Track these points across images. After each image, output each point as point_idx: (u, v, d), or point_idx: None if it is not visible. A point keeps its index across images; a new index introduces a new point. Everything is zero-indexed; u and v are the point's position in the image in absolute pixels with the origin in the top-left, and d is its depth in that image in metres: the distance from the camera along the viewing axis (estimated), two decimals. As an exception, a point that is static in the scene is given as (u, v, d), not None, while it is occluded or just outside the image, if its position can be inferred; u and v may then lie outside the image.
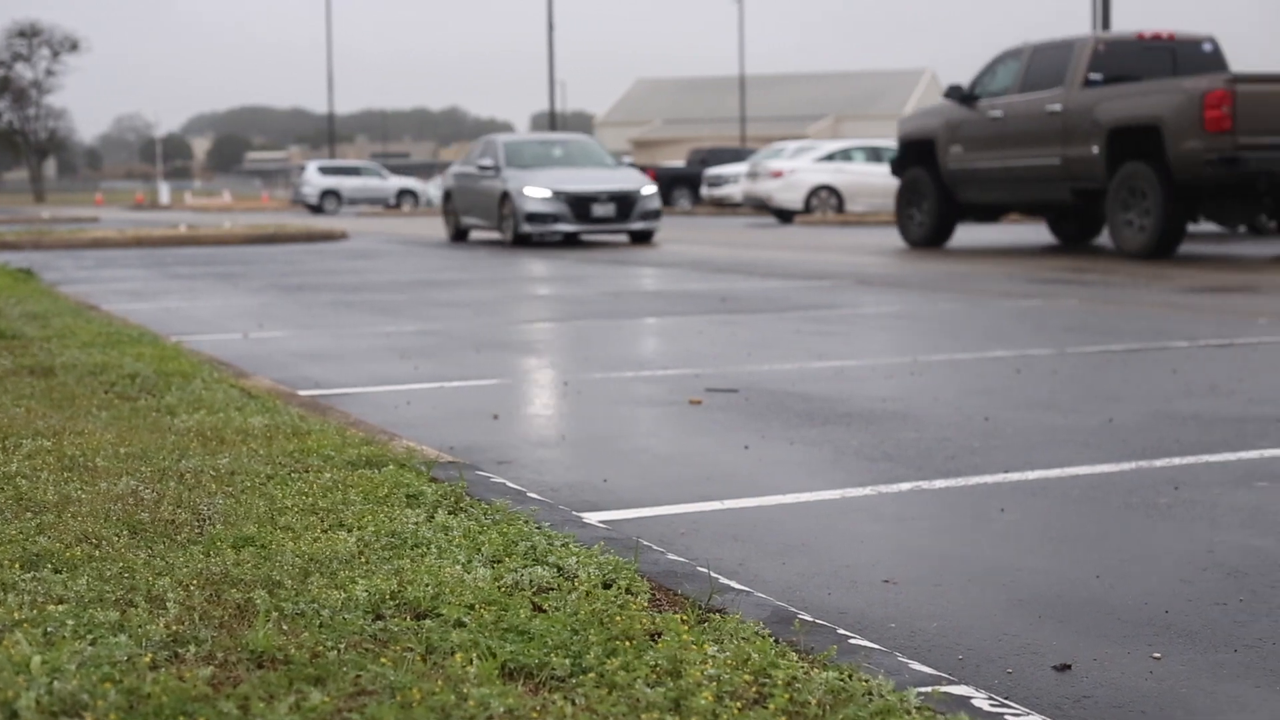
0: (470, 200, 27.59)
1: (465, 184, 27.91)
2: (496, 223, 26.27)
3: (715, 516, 5.05)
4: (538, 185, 25.46)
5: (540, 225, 25.31)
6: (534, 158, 26.96)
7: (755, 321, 11.67)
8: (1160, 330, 10.54)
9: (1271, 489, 5.35)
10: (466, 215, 27.91)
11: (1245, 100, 17.00)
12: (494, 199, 26.23)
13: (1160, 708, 3.22)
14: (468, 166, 27.91)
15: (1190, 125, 17.31)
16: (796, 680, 3.04)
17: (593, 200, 25.43)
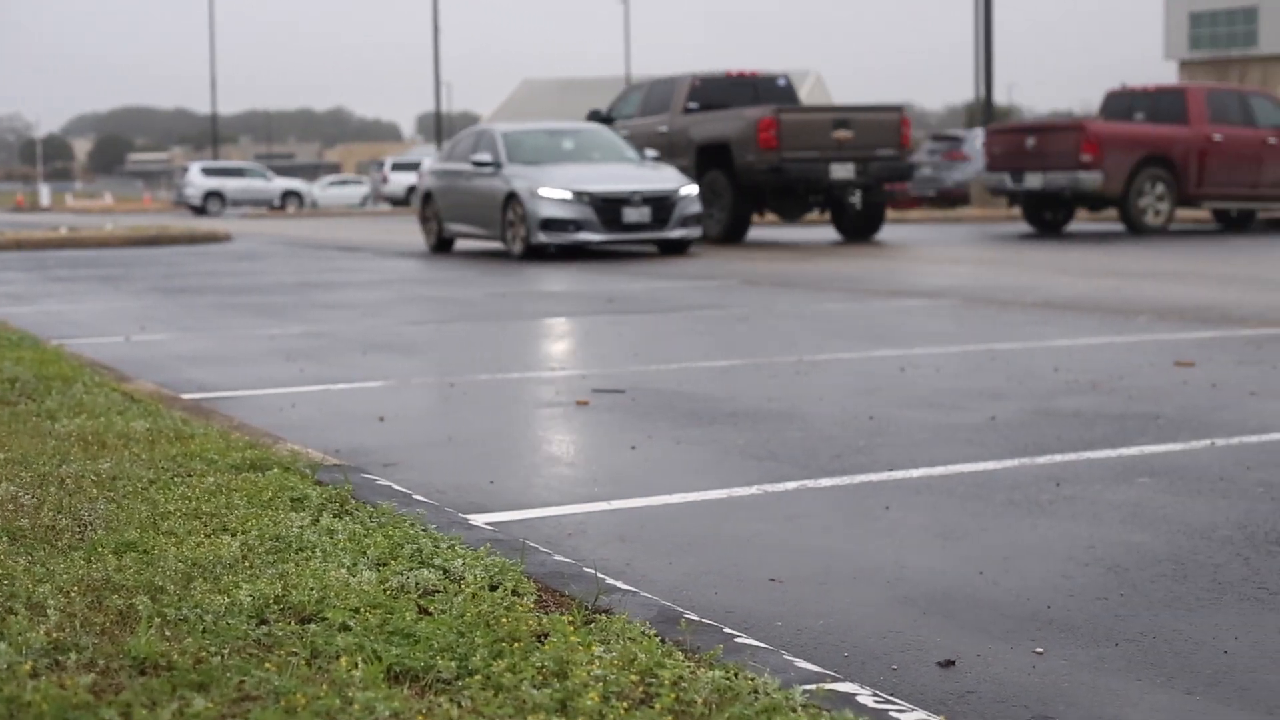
0: (458, 203, 22.82)
1: (451, 184, 23.04)
2: (498, 230, 21.45)
3: (602, 517, 5.05)
4: (554, 185, 20.71)
5: (558, 234, 20.48)
6: (541, 151, 22.00)
7: (642, 322, 11.68)
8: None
9: (1152, 485, 5.42)
10: (453, 221, 23.04)
11: (787, 125, 23.29)
12: (494, 202, 21.51)
13: (1042, 702, 3.25)
14: (453, 163, 23.21)
15: (749, 143, 23.45)
16: (683, 680, 3.05)
17: (624, 203, 20.66)
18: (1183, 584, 4.14)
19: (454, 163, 23.31)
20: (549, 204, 20.59)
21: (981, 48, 40.59)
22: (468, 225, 22.72)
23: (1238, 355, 9.04)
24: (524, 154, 21.82)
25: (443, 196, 23.37)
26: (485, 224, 22.09)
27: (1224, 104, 26.36)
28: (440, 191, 23.49)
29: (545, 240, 20.58)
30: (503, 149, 21.94)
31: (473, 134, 23.36)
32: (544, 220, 20.53)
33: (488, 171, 21.87)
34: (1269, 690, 3.31)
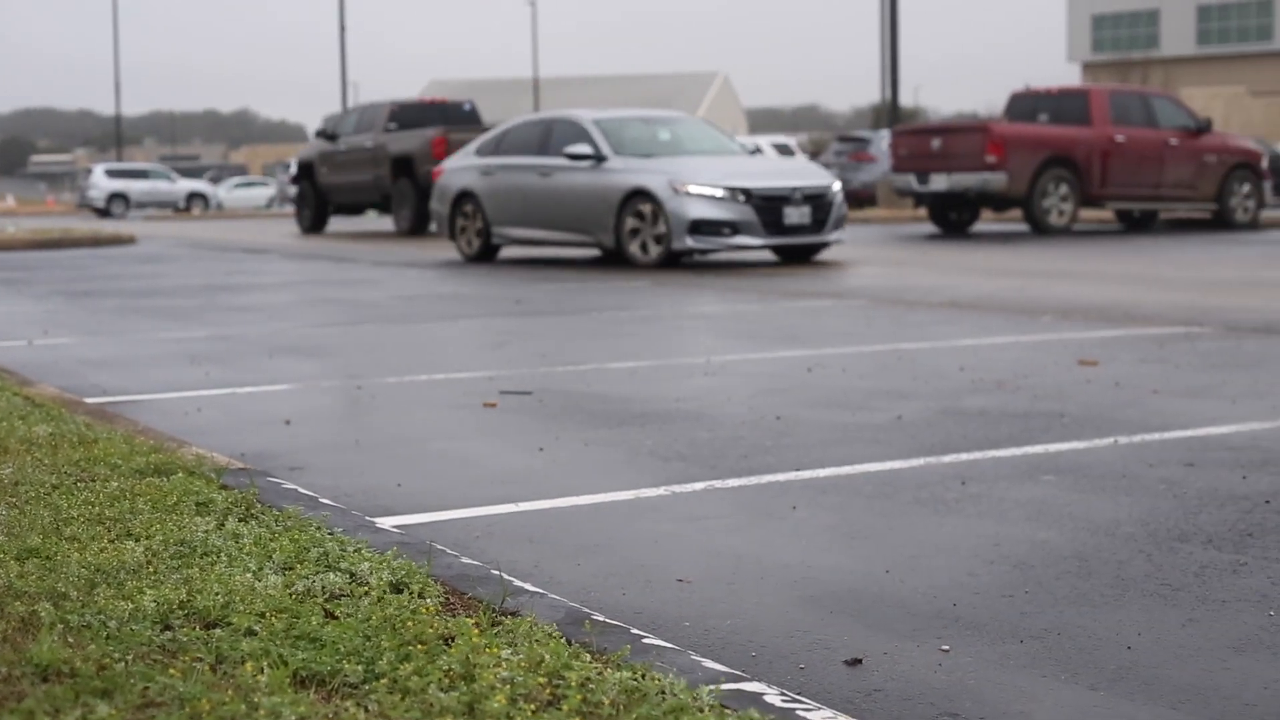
0: (524, 204, 20.07)
1: (509, 182, 20.34)
2: (609, 234, 18.77)
3: (510, 519, 5.04)
4: (704, 180, 18.13)
5: (710, 238, 17.99)
6: (645, 143, 19.55)
7: (550, 323, 11.67)
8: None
9: (1056, 483, 5.47)
10: (511, 225, 20.33)
11: (454, 142, 27.29)
12: (603, 201, 18.81)
13: (949, 699, 3.27)
14: (506, 157, 20.53)
15: (426, 156, 27.93)
16: (590, 681, 3.04)
17: (785, 201, 18.31)
18: (1087, 581, 4.18)
19: (507, 157, 20.54)
20: (699, 203, 17.96)
21: (887, 49, 40.83)
22: (541, 229, 19.93)
23: (1140, 354, 9.13)
24: (629, 146, 19.28)
25: (493, 197, 20.49)
26: (580, 227, 19.32)
27: (1126, 105, 26.64)
28: (488, 191, 20.57)
29: (693, 245, 17.99)
30: (602, 140, 19.25)
31: (536, 124, 20.71)
32: (694, 222, 17.91)
33: (584, 166, 19.13)
34: (1172, 685, 3.34)
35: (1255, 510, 4.99)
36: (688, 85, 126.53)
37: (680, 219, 17.94)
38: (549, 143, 19.99)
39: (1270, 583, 4.14)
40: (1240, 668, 3.45)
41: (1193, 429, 6.53)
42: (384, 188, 29.67)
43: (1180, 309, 11.97)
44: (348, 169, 30.82)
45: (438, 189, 21.89)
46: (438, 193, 21.85)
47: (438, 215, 22.02)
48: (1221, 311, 11.71)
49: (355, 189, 30.81)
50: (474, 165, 21.16)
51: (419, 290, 15.45)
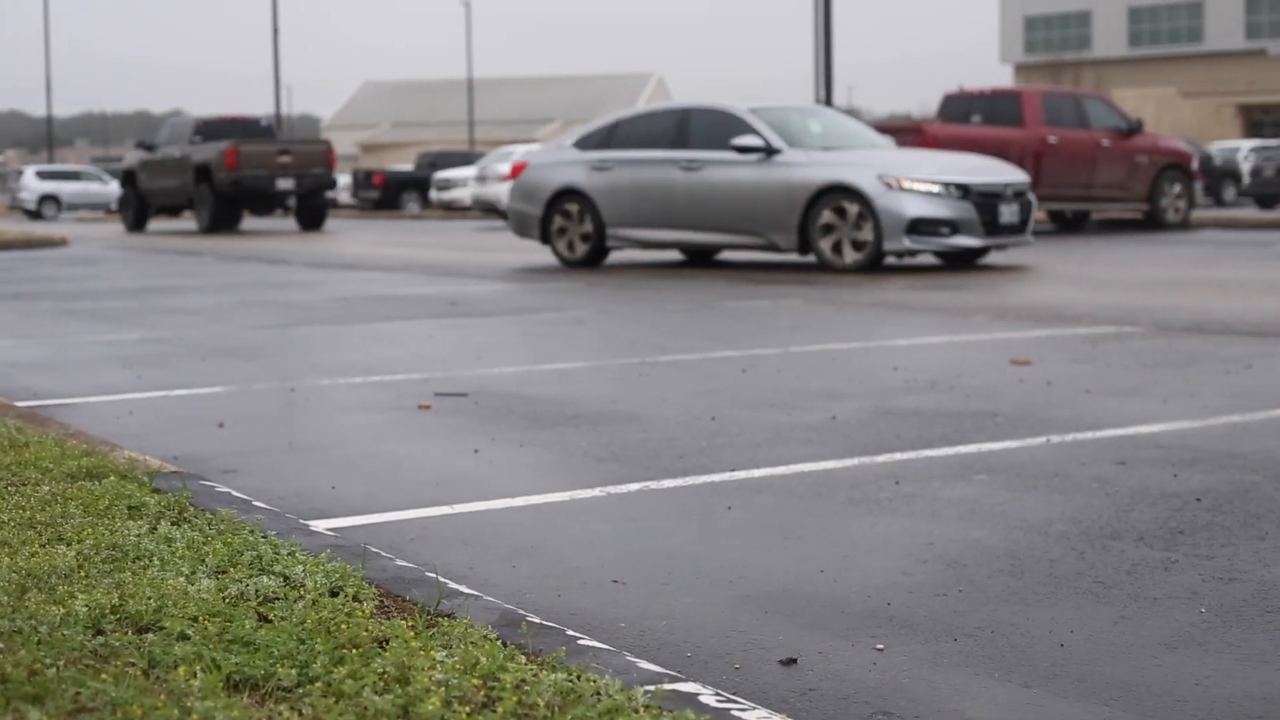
0: (666, 202, 18.26)
1: (638, 177, 18.54)
2: (788, 234, 17.19)
3: (445, 521, 5.02)
4: (919, 176, 16.79)
5: (928, 238, 16.68)
6: (809, 135, 18.06)
7: (485, 325, 11.65)
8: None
9: (989, 482, 5.49)
10: (636, 227, 18.61)
11: (245, 153, 32.78)
12: (784, 198, 17.18)
13: (883, 698, 3.28)
14: (627, 151, 18.73)
15: (220, 165, 32.95)
16: (525, 683, 3.04)
17: (998, 199, 17.21)
18: (1019, 579, 4.21)
19: (629, 150, 18.77)
20: (917, 200, 16.61)
21: (821, 51, 40.93)
22: (684, 231, 18.29)
23: (1072, 354, 9.19)
24: (798, 138, 17.75)
25: (610, 195, 18.70)
26: (745, 228, 17.65)
27: (1059, 107, 26.83)
28: (604, 189, 18.75)
29: (910, 246, 16.65)
30: (769, 131, 17.64)
31: (664, 115, 18.95)
32: (913, 221, 16.51)
33: (751, 160, 17.49)
34: (1104, 682, 3.36)
35: (1186, 508, 5.04)
36: (622, 86, 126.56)
37: (895, 217, 16.49)
38: (688, 135, 18.31)
39: (1201, 580, 4.17)
40: (1172, 664, 3.48)
41: (1124, 428, 6.58)
42: (189, 192, 34.29)
43: (1112, 309, 12.05)
44: (161, 175, 35.26)
45: (522, 188, 19.81)
46: (522, 192, 19.78)
47: (521, 216, 19.84)
48: (1153, 311, 11.80)
49: (167, 193, 35.34)
50: (577, 160, 19.18)
51: (353, 292, 15.39)
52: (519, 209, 19.92)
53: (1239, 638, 3.66)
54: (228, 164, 32.82)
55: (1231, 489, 5.32)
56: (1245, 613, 3.86)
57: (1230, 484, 5.40)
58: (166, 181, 35.03)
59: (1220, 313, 11.61)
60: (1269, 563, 4.34)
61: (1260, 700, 3.24)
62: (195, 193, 33.96)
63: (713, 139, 18.07)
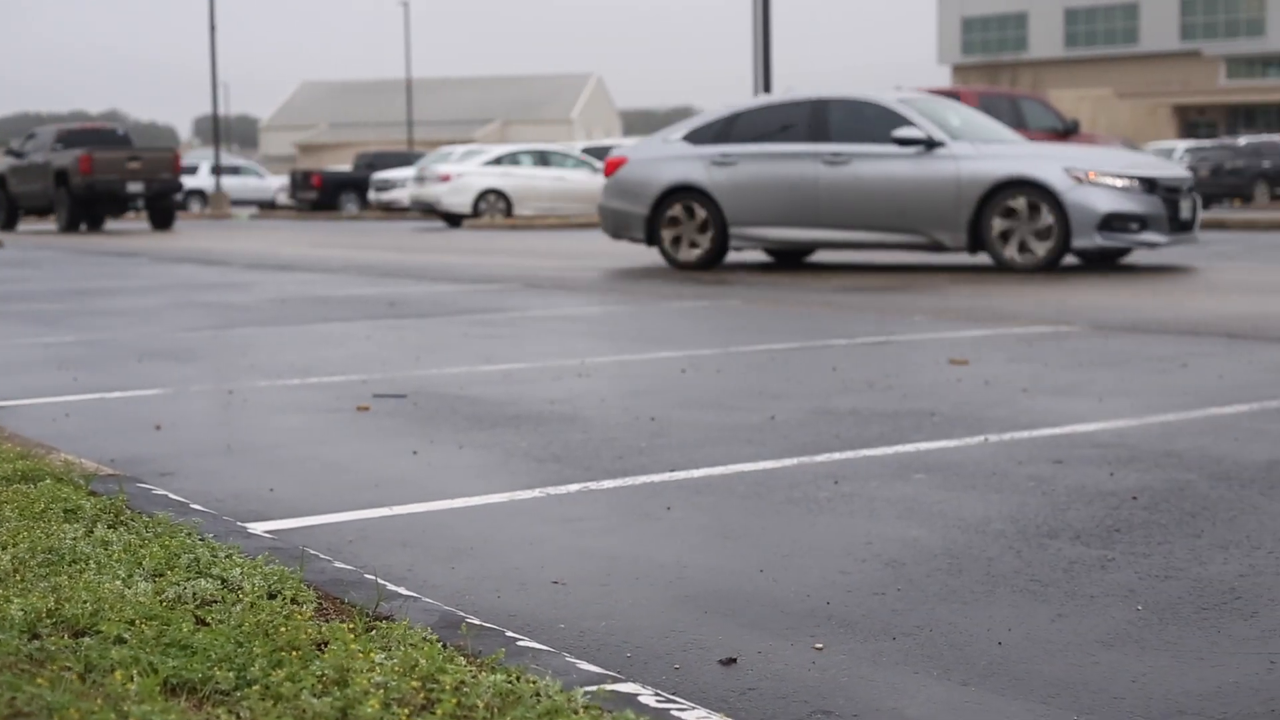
0: (805, 199, 17.16)
1: (778, 173, 17.37)
2: (957, 232, 16.34)
3: (384, 523, 5.01)
4: (1109, 170, 16.08)
5: (1118, 234, 16.01)
6: (954, 127, 17.06)
7: (424, 326, 11.62)
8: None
9: (927, 481, 5.52)
10: (763, 225, 17.49)
11: (98, 160, 35.43)
12: (953, 193, 16.28)
13: (822, 697, 3.29)
14: (750, 145, 17.62)
15: (76, 170, 35.49)
16: (465, 684, 3.04)
17: (1178, 194, 16.55)
18: (957, 578, 4.23)
19: (756, 144, 17.68)
20: (1108, 194, 15.88)
21: (760, 51, 41.03)
22: (825, 229, 17.22)
23: (1009, 353, 9.24)
24: (956, 130, 16.89)
25: (736, 192, 17.57)
26: (902, 225, 16.67)
27: (995, 107, 26.95)
28: (727, 185, 17.63)
29: (1103, 244, 15.98)
30: (926, 122, 16.78)
31: (794, 106, 17.74)
32: (1106, 216, 15.81)
33: (909, 153, 16.60)
34: (1042, 680, 3.38)
35: (1122, 506, 5.07)
36: (562, 86, 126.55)
37: (1087, 213, 15.78)
38: (827, 126, 17.23)
39: (1137, 577, 4.20)
40: (1109, 662, 3.50)
41: (1061, 427, 6.62)
42: (50, 195, 37.13)
43: (1049, 308, 12.12)
44: (28, 180, 38.03)
45: (620, 185, 18.56)
46: (622, 189, 18.51)
47: (622, 217, 18.59)
48: (1088, 310, 11.88)
49: (33, 195, 38.09)
50: (690, 155, 17.99)
51: (290, 293, 15.32)
52: (617, 208, 18.62)
53: (1175, 635, 3.69)
54: (82, 169, 35.69)
55: (1167, 487, 5.36)
56: (1181, 610, 3.89)
57: (1166, 482, 5.44)
58: (32, 185, 37.88)
59: (1156, 311, 11.68)
60: (1204, 560, 4.38)
61: (1196, 697, 3.26)
62: (55, 195, 36.89)
63: (858, 131, 17.06)
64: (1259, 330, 10.33)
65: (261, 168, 70.18)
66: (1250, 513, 4.97)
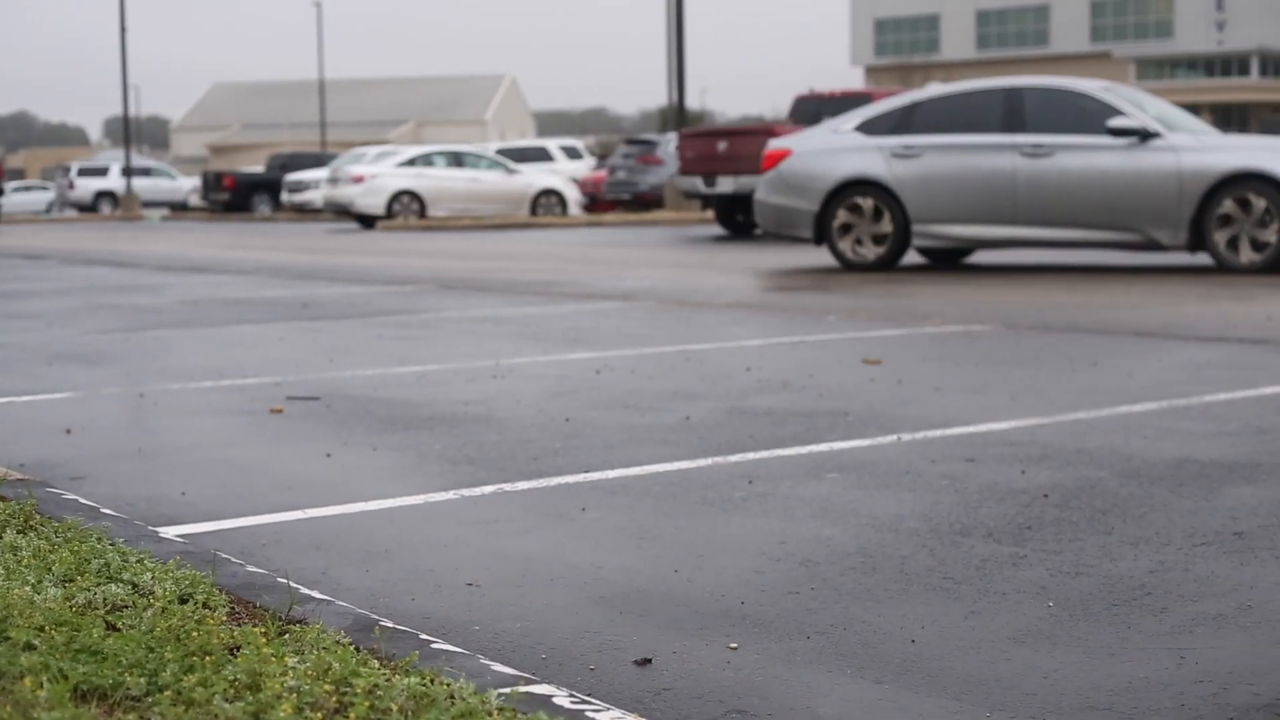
0: (1001, 193, 16.06)
1: (969, 165, 16.22)
2: (1178, 230, 15.40)
3: (297, 526, 4.98)
4: None
5: None
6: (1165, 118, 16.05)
7: (337, 328, 11.57)
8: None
9: (841, 480, 5.54)
10: (958, 221, 16.32)
11: None
12: (1174, 188, 15.33)
13: (737, 696, 3.30)
14: (953, 135, 16.44)
15: None
16: (378, 688, 3.02)
17: None
18: (871, 576, 4.24)
19: (941, 135, 16.55)
20: None
21: (674, 53, 41.08)
22: (1022, 227, 16.16)
23: (922, 352, 9.30)
24: (1166, 120, 15.95)
25: (921, 186, 16.45)
26: (1112, 222, 15.70)
27: (908, 108, 27.08)
28: (910, 179, 16.51)
29: None
30: (1137, 111, 15.83)
31: (983, 94, 16.59)
32: None
33: (1121, 144, 15.60)
34: (955, 677, 3.40)
35: (1034, 504, 5.11)
36: (476, 87, 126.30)
37: None
38: (1023, 116, 16.13)
39: (1049, 574, 4.23)
40: (1020, 658, 3.52)
41: (973, 425, 6.66)
42: None
43: (962, 308, 12.20)
44: None
45: (784, 180, 17.33)
46: (786, 183, 17.29)
47: (785, 213, 17.38)
48: (1001, 309, 11.96)
49: None
50: (866, 146, 16.79)
51: (202, 295, 15.20)
52: (780, 203, 17.32)
53: (1086, 631, 3.72)
54: None
55: (1078, 485, 5.40)
56: (1092, 606, 3.93)
57: (1077, 480, 5.49)
58: None
59: (1067, 310, 11.78)
60: (1115, 557, 4.42)
61: (1107, 692, 3.29)
62: None
63: (1059, 121, 15.97)
64: (1167, 329, 10.44)
65: (173, 169, 69.70)
66: (1160, 510, 5.02)
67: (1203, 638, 3.65)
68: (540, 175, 41.10)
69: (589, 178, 45.31)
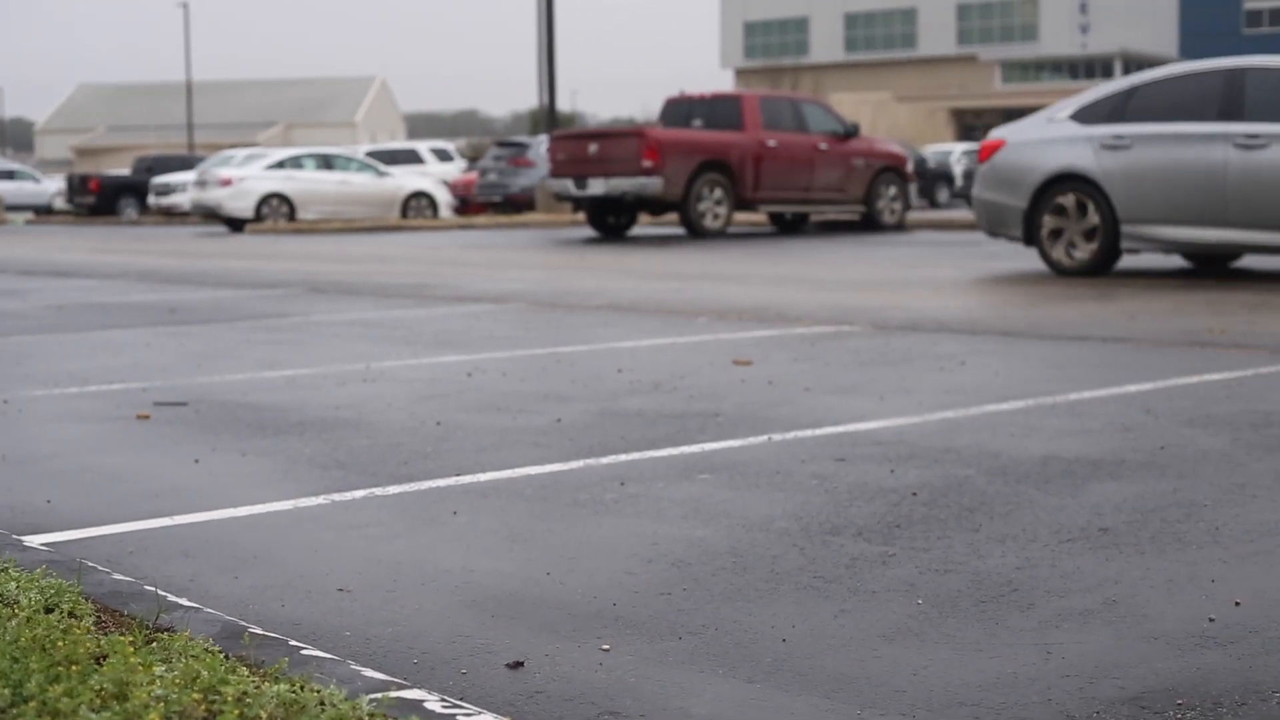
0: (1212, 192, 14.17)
1: (1179, 159, 14.39)
2: None
3: (165, 533, 4.93)
4: None
5: None
6: None
7: (206, 332, 11.46)
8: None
9: (712, 481, 5.56)
10: (1171, 223, 14.44)
11: None
12: None
13: (609, 698, 3.30)
14: (1164, 124, 14.63)
15: None
16: (247, 695, 3.00)
17: None
18: (742, 576, 4.26)
19: (1152, 124, 14.77)
20: None
21: (544, 55, 41.09)
22: (1240, 230, 14.18)
23: (793, 353, 9.35)
24: None
25: (1130, 182, 14.68)
26: None
27: (778, 111, 27.29)
28: (1119, 173, 14.75)
29: None
30: None
31: (1200, 77, 14.73)
32: None
33: None
34: (826, 675, 3.42)
35: (903, 503, 5.15)
36: (345, 89, 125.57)
37: None
38: (1241, 102, 14.26)
39: (918, 572, 4.27)
40: (890, 655, 3.55)
41: (843, 425, 6.71)
42: None
43: (831, 309, 12.29)
44: None
45: (997, 173, 15.77)
46: (997, 177, 15.75)
47: (997, 211, 15.80)
48: (870, 310, 12.06)
49: None
50: (1078, 136, 15.13)
51: (68, 299, 14.99)
52: (991, 200, 15.82)
53: (954, 628, 3.76)
54: None
55: (946, 483, 5.46)
56: (960, 603, 3.97)
57: (945, 478, 5.54)
58: None
59: (935, 311, 11.90)
60: (982, 554, 4.46)
61: (975, 688, 3.33)
62: None
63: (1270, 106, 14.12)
64: (1034, 328, 10.57)
65: (37, 172, 68.69)
66: (1026, 506, 5.08)
67: (1069, 633, 3.70)
68: (411, 178, 40.92)
69: (460, 180, 45.19)
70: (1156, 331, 10.24)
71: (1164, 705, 3.21)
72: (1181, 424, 6.64)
